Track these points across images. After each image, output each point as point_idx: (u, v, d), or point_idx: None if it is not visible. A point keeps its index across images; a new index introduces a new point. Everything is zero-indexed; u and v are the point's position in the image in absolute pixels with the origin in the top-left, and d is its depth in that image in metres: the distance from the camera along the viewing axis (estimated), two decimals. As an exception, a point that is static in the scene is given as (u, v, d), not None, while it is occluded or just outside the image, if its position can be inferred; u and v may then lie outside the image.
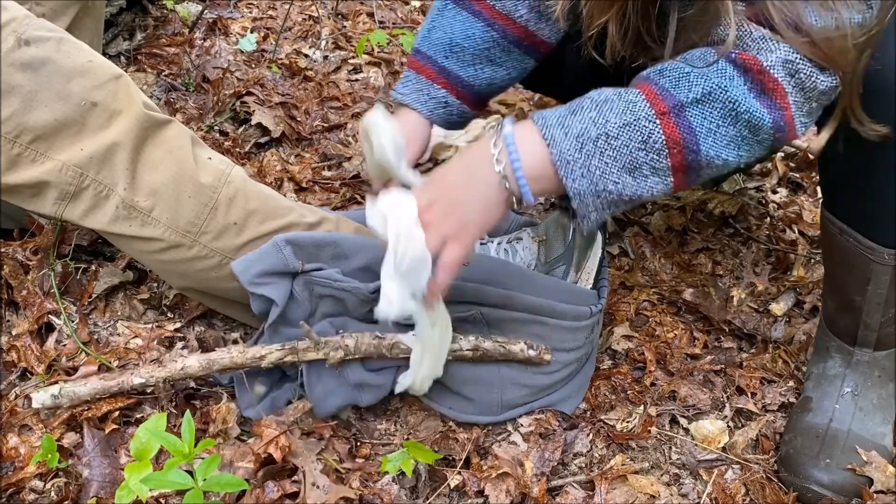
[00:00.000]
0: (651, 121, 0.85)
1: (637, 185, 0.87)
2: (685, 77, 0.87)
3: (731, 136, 0.86)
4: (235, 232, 1.08)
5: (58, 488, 0.98)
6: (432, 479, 1.05)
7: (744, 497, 1.06)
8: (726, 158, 0.87)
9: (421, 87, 1.24)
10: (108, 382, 1.04)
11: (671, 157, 0.86)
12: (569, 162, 0.86)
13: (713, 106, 0.86)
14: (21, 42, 0.99)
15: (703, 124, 0.86)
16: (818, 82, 0.85)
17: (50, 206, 1.04)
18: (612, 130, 0.86)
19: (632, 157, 0.86)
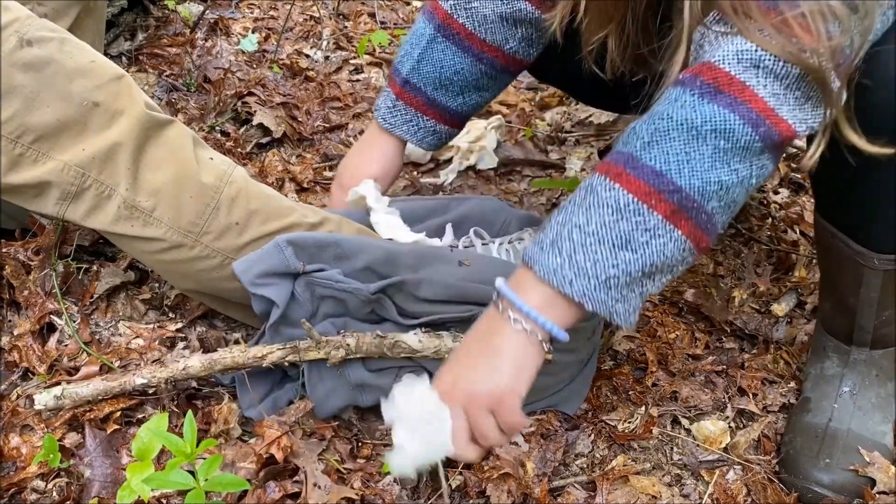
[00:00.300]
0: (610, 188, 0.79)
1: (642, 255, 0.79)
2: (632, 129, 0.82)
3: (709, 156, 0.78)
4: (237, 232, 1.08)
5: (59, 488, 0.98)
6: (433, 479, 1.05)
7: (745, 498, 1.06)
8: (721, 180, 0.78)
9: (411, 118, 1.27)
10: (110, 383, 1.04)
11: (656, 209, 0.78)
12: (555, 270, 0.79)
13: (667, 137, 0.78)
14: (23, 42, 1.00)
15: (667, 160, 0.78)
16: (790, 68, 0.77)
17: (52, 207, 1.04)
18: (579, 219, 0.80)
19: (614, 232, 0.78)
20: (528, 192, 1.68)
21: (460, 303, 1.07)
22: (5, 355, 1.14)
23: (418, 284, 1.07)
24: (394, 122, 1.28)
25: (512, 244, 1.23)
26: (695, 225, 0.80)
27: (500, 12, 1.19)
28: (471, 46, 1.21)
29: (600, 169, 0.81)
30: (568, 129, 1.92)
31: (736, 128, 0.77)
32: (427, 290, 1.07)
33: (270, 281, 1.04)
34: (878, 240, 1.01)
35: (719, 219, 0.82)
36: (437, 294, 1.07)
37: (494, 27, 1.20)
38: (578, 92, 1.55)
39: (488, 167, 1.74)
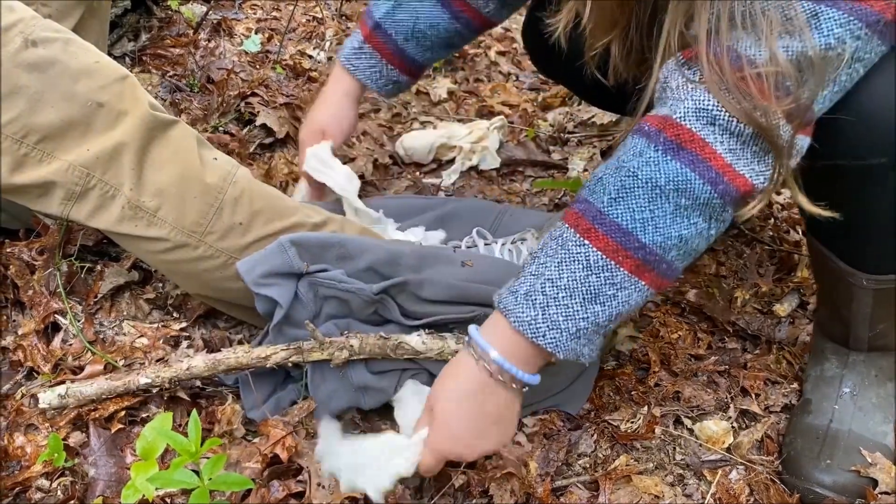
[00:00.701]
0: (580, 244, 0.83)
1: (609, 307, 0.84)
2: (598, 182, 0.85)
3: (671, 212, 0.82)
4: (241, 232, 1.08)
5: (64, 487, 0.98)
6: (437, 478, 1.05)
7: (748, 497, 1.06)
8: (681, 234, 0.82)
9: (374, 63, 1.26)
10: (114, 382, 1.04)
11: (622, 265, 0.83)
12: (529, 323, 0.84)
13: (633, 194, 0.82)
14: (28, 43, 1.00)
15: (632, 218, 0.82)
16: (744, 126, 0.80)
17: (56, 207, 1.04)
18: (551, 274, 0.84)
19: (584, 286, 0.83)
20: (531, 193, 1.68)
21: (463, 303, 1.08)
22: (10, 355, 1.14)
23: (421, 285, 1.07)
24: (357, 64, 1.27)
25: (515, 244, 1.23)
26: (657, 275, 0.85)
27: None
28: (450, 3, 1.21)
29: (569, 220, 0.86)
30: (570, 130, 1.92)
31: (696, 186, 0.81)
32: (430, 290, 1.07)
33: (274, 281, 1.05)
34: (866, 261, 1.02)
35: (679, 265, 0.86)
36: (440, 294, 1.07)
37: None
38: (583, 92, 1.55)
39: (490, 168, 1.74)
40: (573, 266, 0.83)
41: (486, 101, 2.03)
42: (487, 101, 2.03)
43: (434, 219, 1.32)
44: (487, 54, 2.33)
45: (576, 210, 0.86)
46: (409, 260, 1.10)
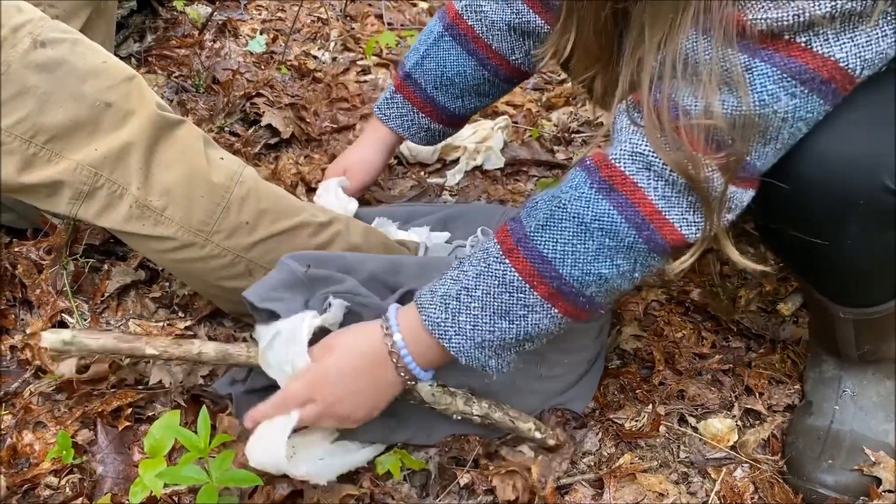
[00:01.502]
0: (501, 262, 0.86)
1: (518, 326, 0.86)
2: (535, 204, 0.87)
3: (594, 250, 0.83)
4: (247, 231, 1.09)
5: (72, 484, 0.99)
6: (442, 477, 1.06)
7: (752, 496, 1.06)
8: (601, 273, 0.84)
9: (406, 112, 1.28)
10: (120, 343, 1.02)
11: (536, 289, 0.85)
12: (439, 324, 0.87)
13: (559, 226, 0.83)
14: (37, 43, 1.01)
15: (554, 248, 0.83)
16: (677, 175, 0.79)
17: (65, 206, 1.05)
18: (469, 283, 0.86)
19: (497, 301, 0.85)
20: (535, 193, 1.68)
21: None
22: (18, 353, 1.15)
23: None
24: (388, 113, 1.30)
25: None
26: (572, 305, 0.86)
27: (508, 21, 1.19)
28: (476, 50, 1.22)
29: (498, 236, 0.88)
30: (574, 130, 1.93)
31: (621, 229, 0.81)
32: None
33: (279, 295, 1.01)
34: (842, 296, 1.02)
35: (600, 300, 0.87)
36: None
37: (502, 35, 1.20)
38: None
39: (495, 167, 1.74)
40: (490, 281, 0.86)
41: (490, 101, 2.03)
42: (491, 102, 2.03)
43: (438, 220, 1.32)
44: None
45: (507, 227, 0.88)
46: (411, 268, 1.10)
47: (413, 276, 1.08)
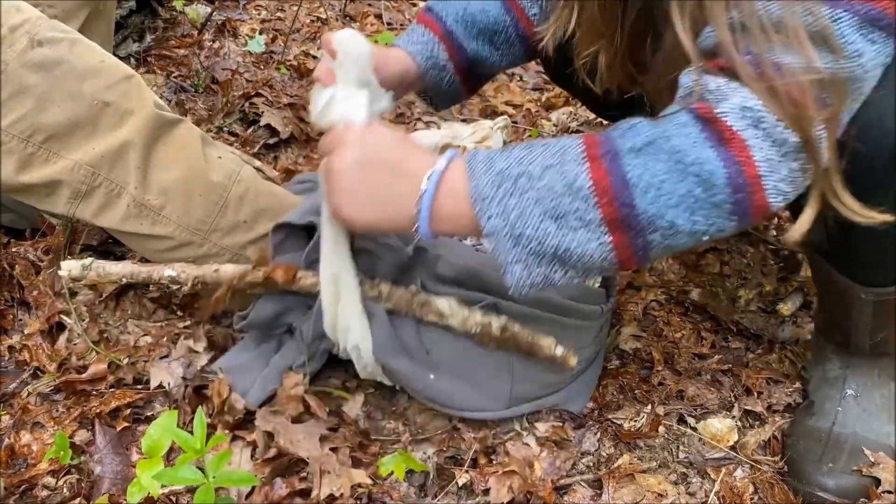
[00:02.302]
0: (579, 163, 0.77)
1: (563, 235, 0.78)
2: (633, 127, 0.79)
3: (680, 195, 0.75)
4: (245, 230, 1.09)
5: (70, 485, 0.99)
6: (441, 477, 1.06)
7: (752, 496, 1.06)
8: (674, 221, 0.76)
9: (426, 41, 1.18)
10: (140, 268, 1.03)
11: (601, 207, 0.76)
12: (484, 198, 0.79)
13: (656, 156, 0.76)
14: (34, 43, 1.01)
15: (641, 176, 0.75)
16: (789, 135, 0.74)
17: (63, 205, 1.05)
18: (535, 170, 0.78)
19: (556, 201, 0.77)
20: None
21: (474, 289, 1.07)
22: (16, 354, 1.15)
23: (437, 259, 1.08)
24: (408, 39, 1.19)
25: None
26: (628, 243, 0.78)
27: None
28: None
29: (586, 139, 0.80)
30: (574, 130, 1.93)
31: (718, 182, 0.75)
32: (445, 266, 1.07)
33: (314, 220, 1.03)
34: (865, 275, 1.00)
35: (653, 253, 0.80)
36: (454, 273, 1.07)
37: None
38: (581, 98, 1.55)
39: (494, 167, 1.74)
40: (557, 178, 0.77)
41: (489, 100, 2.04)
42: (491, 101, 2.03)
43: None
44: (491, 55, 2.33)
45: (597, 138, 0.79)
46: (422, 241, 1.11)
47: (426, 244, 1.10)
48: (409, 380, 1.07)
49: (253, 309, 1.08)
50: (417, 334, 1.07)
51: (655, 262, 0.78)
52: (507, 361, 1.08)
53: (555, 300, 1.07)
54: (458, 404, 1.09)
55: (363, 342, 1.03)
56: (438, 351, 1.07)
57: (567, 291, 1.08)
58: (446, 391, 1.08)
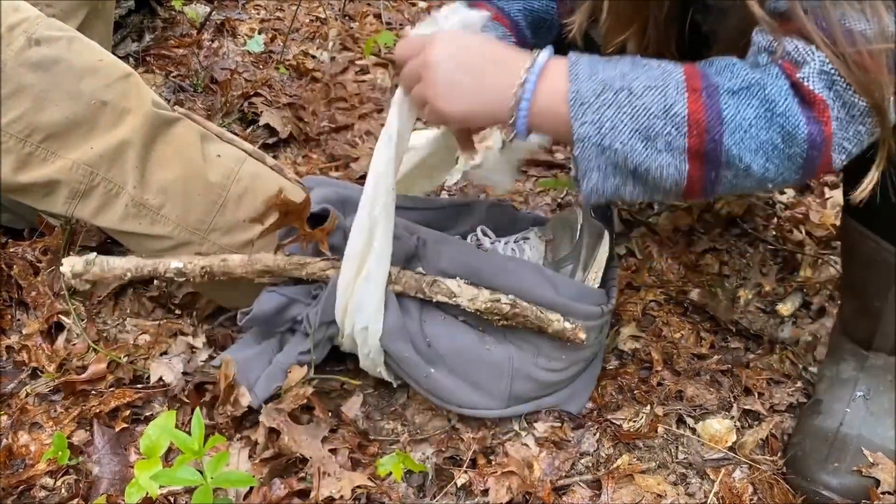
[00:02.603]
0: (680, 91, 0.80)
1: (647, 155, 0.81)
2: (730, 67, 0.82)
3: (762, 141, 0.79)
4: (245, 228, 1.09)
5: (68, 485, 0.99)
6: (439, 477, 1.05)
7: (751, 497, 1.06)
8: (749, 164, 0.80)
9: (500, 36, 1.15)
10: (143, 262, 1.03)
11: (689, 136, 0.79)
12: (582, 103, 0.81)
13: (749, 101, 0.79)
14: (32, 42, 1.00)
15: (734, 116, 0.79)
16: (857, 98, 0.77)
17: (61, 205, 1.04)
18: (637, 88, 0.80)
19: (649, 122, 0.80)
20: (534, 192, 1.68)
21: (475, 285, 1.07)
22: (14, 354, 1.15)
23: (439, 254, 1.08)
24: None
25: (518, 243, 1.23)
26: (702, 175, 0.81)
27: None
28: None
29: (687, 70, 0.82)
30: (573, 130, 1.92)
31: (799, 136, 0.78)
32: (447, 262, 1.08)
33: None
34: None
35: (719, 188, 0.83)
36: (456, 267, 1.07)
37: None
38: None
39: (494, 167, 1.74)
40: (658, 100, 0.80)
41: (489, 101, 2.03)
42: (490, 101, 2.03)
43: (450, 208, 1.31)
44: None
45: (696, 70, 0.82)
46: (426, 234, 1.11)
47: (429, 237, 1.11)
48: (412, 370, 1.07)
49: (256, 302, 1.07)
50: (421, 327, 1.06)
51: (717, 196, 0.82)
52: (507, 359, 1.08)
53: (555, 300, 1.07)
54: (457, 401, 1.09)
55: (374, 323, 1.03)
56: (439, 345, 1.06)
57: (567, 291, 1.08)
58: (446, 387, 1.08)
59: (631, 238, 1.52)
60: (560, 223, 1.23)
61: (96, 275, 1.03)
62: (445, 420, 1.13)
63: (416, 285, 1.05)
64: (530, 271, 1.09)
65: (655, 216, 1.57)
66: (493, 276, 1.06)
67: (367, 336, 1.04)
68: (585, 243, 1.17)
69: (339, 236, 1.07)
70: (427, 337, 1.06)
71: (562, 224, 1.22)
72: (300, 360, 1.09)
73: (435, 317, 1.08)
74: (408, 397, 1.16)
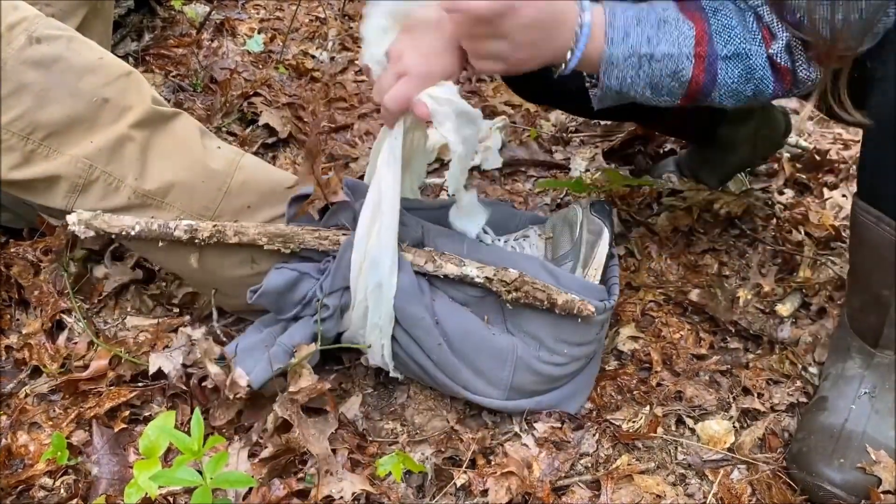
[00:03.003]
0: (689, 59, 0.97)
1: (652, 97, 1.00)
2: (728, 30, 0.97)
3: (738, 91, 0.99)
4: (249, 214, 1.09)
5: (67, 486, 0.99)
6: (439, 477, 1.05)
7: (750, 497, 1.06)
8: (724, 104, 1.01)
9: None
10: (150, 225, 1.04)
11: (688, 91, 0.99)
12: (612, 64, 0.96)
13: (737, 65, 0.97)
14: (32, 40, 1.01)
15: (724, 78, 0.98)
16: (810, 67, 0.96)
17: (61, 199, 1.04)
18: (657, 55, 0.96)
19: (660, 79, 0.98)
20: (533, 193, 1.68)
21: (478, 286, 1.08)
22: (13, 353, 1.15)
23: (444, 245, 1.09)
24: None
25: (518, 241, 1.23)
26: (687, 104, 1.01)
27: None
28: None
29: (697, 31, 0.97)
30: (573, 130, 1.92)
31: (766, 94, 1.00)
32: (451, 252, 1.09)
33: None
34: None
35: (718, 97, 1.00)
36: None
37: None
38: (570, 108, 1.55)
39: (493, 167, 1.73)
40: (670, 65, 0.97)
41: (488, 100, 2.03)
42: (490, 101, 2.03)
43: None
44: (490, 54, 2.32)
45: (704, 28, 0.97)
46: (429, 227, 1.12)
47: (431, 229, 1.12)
48: (424, 338, 1.07)
49: (266, 278, 1.07)
50: (430, 305, 1.07)
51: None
52: (511, 346, 1.08)
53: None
54: (462, 381, 1.09)
55: (388, 279, 1.03)
56: (446, 324, 1.07)
57: (569, 285, 1.08)
58: (454, 364, 1.08)
59: (630, 238, 1.52)
60: (560, 221, 1.23)
61: (103, 224, 1.03)
62: (445, 420, 1.13)
63: (426, 255, 1.07)
64: (533, 264, 1.09)
65: (655, 216, 1.57)
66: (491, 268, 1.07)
67: (380, 296, 1.04)
68: (585, 241, 1.17)
69: (349, 216, 1.08)
70: (436, 315, 1.07)
71: (562, 222, 1.22)
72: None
73: (443, 298, 1.09)
74: (408, 396, 1.16)
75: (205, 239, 1.04)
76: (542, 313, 1.08)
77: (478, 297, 1.09)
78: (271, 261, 1.09)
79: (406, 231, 1.08)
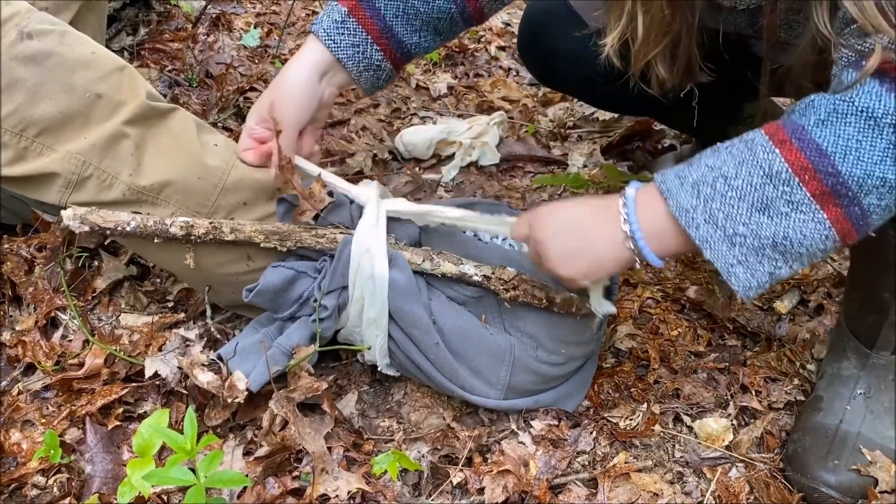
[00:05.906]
0: (769, 151, 0.79)
1: (776, 224, 0.79)
2: (811, 104, 0.81)
3: (881, 149, 0.75)
4: (245, 211, 1.08)
5: (60, 484, 0.98)
6: (435, 475, 1.05)
7: (748, 495, 1.06)
8: (886, 176, 0.76)
9: (359, 42, 1.11)
10: (146, 221, 1.03)
11: (805, 185, 0.77)
12: (687, 210, 0.82)
13: (844, 120, 0.77)
14: (24, 35, 0.99)
15: (836, 143, 0.76)
16: None
17: (55, 195, 1.04)
18: (729, 171, 0.81)
19: (758, 193, 0.79)
20: (531, 189, 1.67)
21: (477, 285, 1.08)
22: (6, 350, 1.14)
23: (441, 243, 1.09)
24: (339, 41, 1.10)
25: (512, 241, 1.23)
26: (844, 215, 0.78)
27: None
28: None
29: (767, 129, 0.81)
30: (571, 126, 1.92)
31: None
32: (449, 250, 1.08)
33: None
34: None
35: (874, 219, 0.79)
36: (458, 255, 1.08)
37: None
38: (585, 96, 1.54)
39: (490, 163, 1.73)
40: (753, 170, 0.79)
41: (486, 96, 2.03)
42: (487, 97, 2.02)
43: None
44: (488, 49, 2.32)
45: (778, 123, 0.81)
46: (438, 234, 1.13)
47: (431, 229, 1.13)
48: (422, 337, 1.06)
49: (262, 276, 1.06)
50: (427, 304, 1.06)
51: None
52: (508, 346, 1.07)
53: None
54: (460, 381, 1.08)
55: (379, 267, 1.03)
56: (443, 322, 1.06)
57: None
58: (451, 363, 1.07)
59: (628, 235, 1.51)
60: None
61: (99, 220, 1.02)
62: (441, 418, 1.12)
63: (424, 253, 1.06)
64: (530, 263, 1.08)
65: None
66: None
67: (373, 288, 1.04)
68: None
69: (346, 215, 1.08)
70: (433, 314, 1.06)
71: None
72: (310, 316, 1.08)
73: (440, 298, 1.08)
74: (404, 394, 1.16)
75: (201, 236, 1.04)
76: (539, 313, 1.07)
77: (475, 296, 1.08)
78: (267, 259, 1.08)
79: (403, 230, 1.07)
